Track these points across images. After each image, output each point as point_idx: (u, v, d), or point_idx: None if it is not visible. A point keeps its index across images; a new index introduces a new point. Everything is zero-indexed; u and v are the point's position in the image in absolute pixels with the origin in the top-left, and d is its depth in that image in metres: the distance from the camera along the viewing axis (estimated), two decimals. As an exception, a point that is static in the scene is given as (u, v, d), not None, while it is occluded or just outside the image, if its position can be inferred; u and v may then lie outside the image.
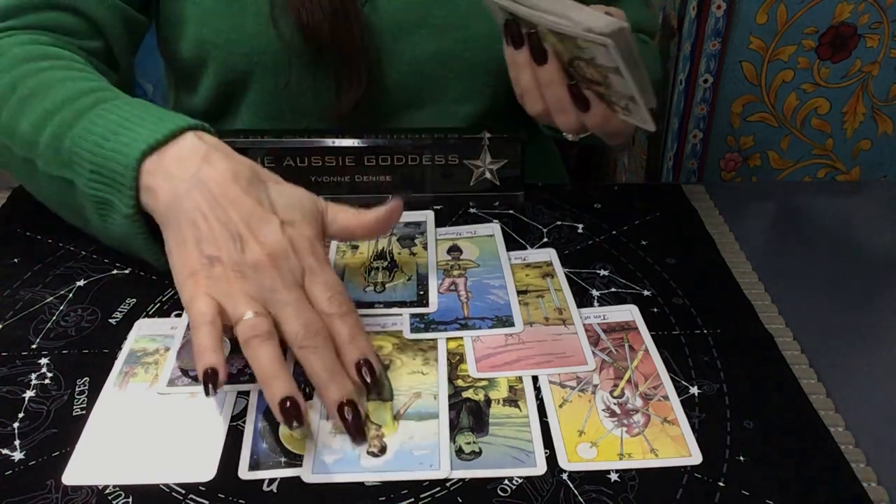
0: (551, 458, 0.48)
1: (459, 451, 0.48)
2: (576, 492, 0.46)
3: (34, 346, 0.57)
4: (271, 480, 0.46)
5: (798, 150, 1.18)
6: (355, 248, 0.67)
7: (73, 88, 0.59)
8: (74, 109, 0.57)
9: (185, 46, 0.75)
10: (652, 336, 0.57)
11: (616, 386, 0.53)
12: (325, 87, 0.75)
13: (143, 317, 0.60)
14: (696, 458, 0.48)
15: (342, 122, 0.76)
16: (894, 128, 1.16)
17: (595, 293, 0.62)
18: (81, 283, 0.63)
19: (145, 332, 0.58)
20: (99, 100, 0.58)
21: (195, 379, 0.53)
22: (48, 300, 0.61)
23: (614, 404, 0.52)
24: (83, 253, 0.67)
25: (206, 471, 0.47)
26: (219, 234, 0.50)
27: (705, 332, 0.58)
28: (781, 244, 0.71)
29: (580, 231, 0.70)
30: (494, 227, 0.70)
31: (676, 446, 0.49)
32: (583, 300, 0.61)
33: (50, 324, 0.59)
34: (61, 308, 0.60)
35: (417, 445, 0.48)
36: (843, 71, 1.11)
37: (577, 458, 0.48)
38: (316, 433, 0.49)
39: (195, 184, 0.52)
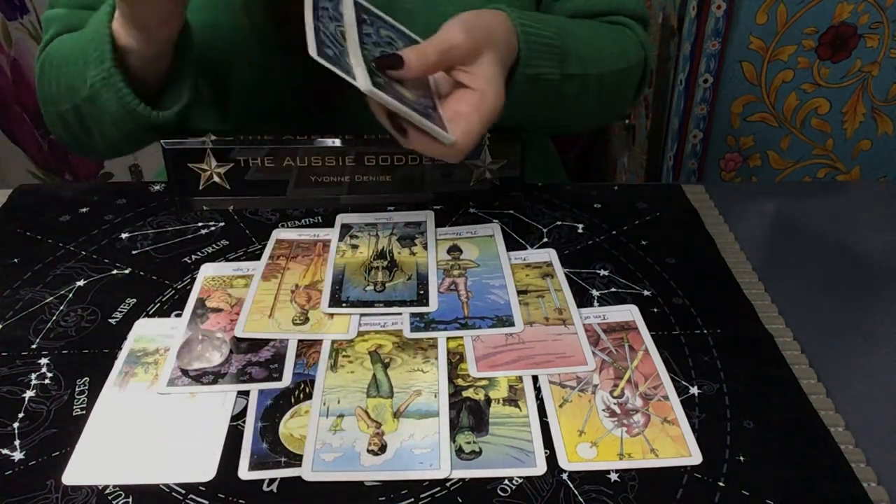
0: (551, 458, 0.48)
1: (459, 451, 0.48)
2: (576, 492, 0.46)
3: (34, 346, 0.57)
4: (271, 480, 0.46)
5: (798, 150, 1.18)
6: (355, 248, 0.67)
7: (78, 32, 0.72)
8: (79, 37, 0.70)
9: None
10: (652, 336, 0.57)
11: (616, 386, 0.53)
12: (301, 75, 0.75)
13: (143, 317, 0.60)
14: (696, 458, 0.48)
15: (320, 112, 0.76)
16: (894, 128, 1.16)
17: (595, 293, 0.62)
18: (81, 283, 0.63)
19: (145, 332, 0.58)
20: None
21: (195, 379, 0.53)
22: (48, 300, 0.61)
23: (614, 404, 0.52)
24: (83, 253, 0.67)
25: (206, 471, 0.47)
26: None
27: (705, 332, 0.58)
28: (781, 244, 0.71)
29: (580, 231, 0.70)
30: (494, 227, 0.70)
31: (676, 446, 0.49)
32: (583, 300, 0.61)
33: (50, 324, 0.59)
34: (61, 308, 0.60)
35: (417, 444, 0.48)
36: (843, 71, 1.11)
37: (577, 458, 0.48)
38: (316, 433, 0.49)
39: None
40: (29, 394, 0.53)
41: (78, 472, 0.47)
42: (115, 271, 0.65)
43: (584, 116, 0.78)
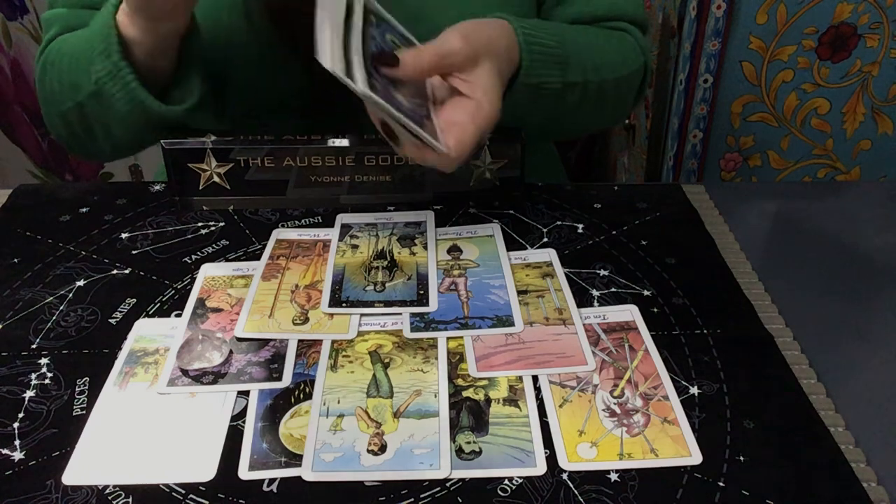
0: (551, 458, 0.48)
1: (459, 451, 0.48)
2: (576, 492, 0.46)
3: (34, 346, 0.57)
4: (271, 480, 0.46)
5: (798, 150, 1.18)
6: (355, 248, 0.67)
7: (80, 30, 0.71)
8: (83, 35, 0.69)
9: None
10: (652, 336, 0.57)
11: (616, 386, 0.53)
12: (300, 75, 0.75)
13: (143, 317, 0.60)
14: (696, 458, 0.48)
15: (320, 112, 0.76)
16: (894, 128, 1.16)
17: (595, 293, 0.62)
18: (81, 283, 0.63)
19: (145, 332, 0.58)
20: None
21: (195, 379, 0.53)
22: (48, 300, 0.61)
23: (614, 404, 0.52)
24: (83, 253, 0.67)
25: (206, 471, 0.47)
26: None
27: (705, 332, 0.58)
28: (781, 244, 0.71)
29: (580, 231, 0.70)
30: (494, 227, 0.70)
31: (676, 446, 0.49)
32: (583, 300, 0.61)
33: (50, 324, 0.59)
34: (61, 308, 0.60)
35: (417, 444, 0.48)
36: (843, 71, 1.11)
37: (577, 458, 0.48)
38: (316, 433, 0.49)
39: None
40: (29, 394, 0.53)
41: (78, 472, 0.47)
42: (115, 271, 0.65)
43: (585, 123, 0.78)
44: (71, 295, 0.62)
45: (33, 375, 0.54)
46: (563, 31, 0.71)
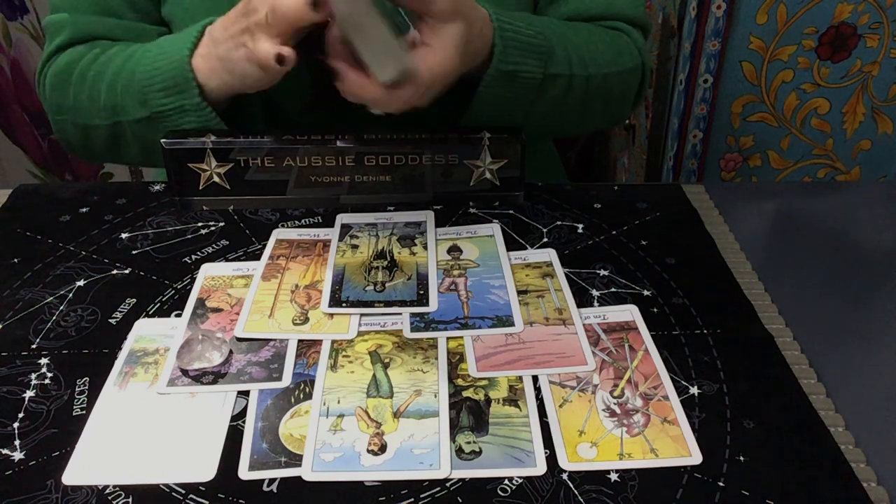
0: (551, 458, 0.48)
1: (459, 451, 0.48)
2: (576, 492, 0.46)
3: (34, 346, 0.57)
4: (271, 480, 0.46)
5: (798, 150, 1.18)
6: (355, 248, 0.67)
7: (125, 53, 0.73)
8: (132, 62, 0.71)
9: None
10: (652, 336, 0.57)
11: (616, 386, 0.53)
12: (301, 75, 0.75)
13: (143, 317, 0.60)
14: (696, 458, 0.48)
15: (320, 112, 0.76)
16: (894, 128, 1.16)
17: (595, 293, 0.62)
18: (81, 283, 0.63)
19: (145, 332, 0.58)
20: (143, 48, 0.72)
21: (195, 379, 0.53)
22: (48, 300, 0.61)
23: (614, 404, 0.52)
24: (83, 253, 0.67)
25: (206, 471, 0.47)
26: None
27: (705, 332, 0.58)
28: (781, 244, 0.71)
29: (580, 231, 0.70)
30: (494, 227, 0.70)
31: (676, 446, 0.49)
32: (583, 300, 0.61)
33: (50, 324, 0.59)
34: (61, 308, 0.60)
35: (417, 444, 0.48)
36: (843, 71, 1.11)
37: (577, 458, 0.48)
38: (316, 433, 0.49)
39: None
40: (29, 394, 0.53)
41: (78, 472, 0.47)
42: (115, 271, 0.65)
43: (574, 120, 0.78)
44: (71, 295, 0.62)
45: (33, 375, 0.54)
46: (549, 24, 0.71)
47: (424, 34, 0.59)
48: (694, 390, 0.53)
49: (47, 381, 0.54)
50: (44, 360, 0.55)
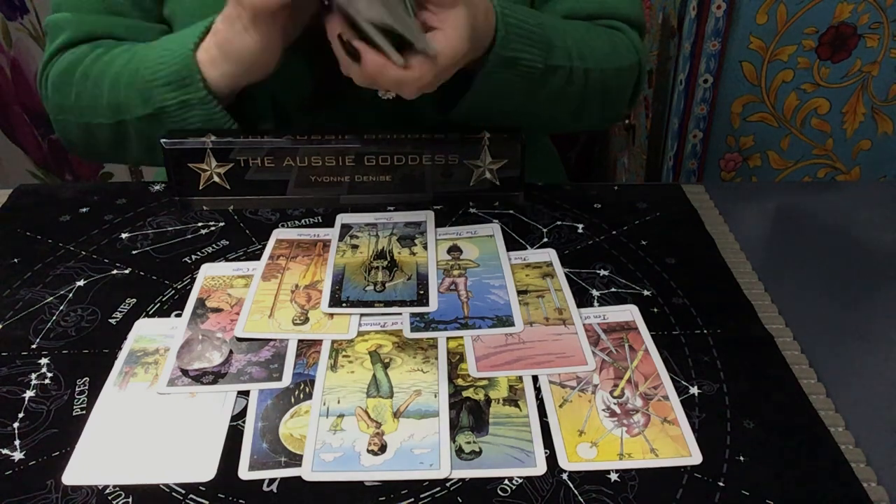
0: (551, 458, 0.48)
1: (459, 451, 0.48)
2: (576, 492, 0.46)
3: (34, 346, 0.57)
4: (271, 480, 0.46)
5: (798, 150, 1.18)
6: (355, 248, 0.67)
7: (128, 52, 0.73)
8: (136, 60, 0.71)
9: None
10: (652, 336, 0.57)
11: (616, 386, 0.53)
12: (302, 76, 0.75)
13: (143, 317, 0.60)
14: (696, 458, 0.48)
15: (320, 112, 0.76)
16: (894, 128, 1.16)
17: (595, 293, 0.62)
18: (81, 283, 0.63)
19: (145, 332, 0.58)
20: (146, 46, 0.72)
21: (195, 379, 0.53)
22: (48, 300, 0.61)
23: (614, 404, 0.52)
24: (83, 253, 0.67)
25: (206, 471, 0.47)
26: None
27: (705, 332, 0.58)
28: (781, 244, 0.71)
29: (580, 231, 0.70)
30: (494, 227, 0.70)
31: (676, 446, 0.49)
32: (583, 300, 0.61)
33: (50, 324, 0.59)
34: (61, 308, 0.60)
35: (417, 444, 0.48)
36: (843, 71, 1.11)
37: (577, 458, 0.48)
38: (316, 433, 0.49)
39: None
40: (29, 394, 0.53)
41: (78, 472, 0.47)
42: (115, 271, 0.65)
43: (573, 114, 0.78)
44: (71, 295, 0.62)
45: (33, 375, 0.54)
46: (548, 18, 0.72)
47: (430, 20, 0.59)
48: (694, 390, 0.53)
49: (47, 381, 0.54)
50: (44, 360, 0.55)
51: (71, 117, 0.75)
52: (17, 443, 0.49)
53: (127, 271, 0.65)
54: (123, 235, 0.69)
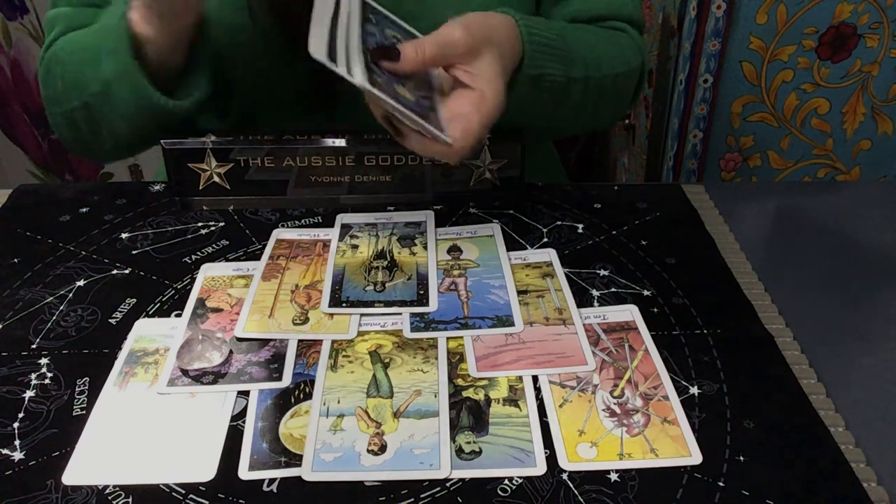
0: (551, 458, 0.48)
1: (459, 451, 0.48)
2: (576, 492, 0.46)
3: (34, 346, 0.57)
4: (271, 480, 0.46)
5: (798, 150, 1.18)
6: (355, 248, 0.67)
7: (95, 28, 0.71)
8: (98, 30, 0.70)
9: None
10: (652, 336, 0.57)
11: (616, 386, 0.53)
12: (302, 76, 0.75)
13: (143, 317, 0.60)
14: (696, 458, 0.48)
15: (321, 112, 0.76)
16: (894, 128, 1.16)
17: (595, 293, 0.62)
18: (81, 283, 0.63)
19: (145, 332, 0.58)
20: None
21: (195, 379, 0.53)
22: (48, 300, 0.61)
23: (614, 404, 0.52)
24: (83, 253, 0.67)
25: (206, 471, 0.47)
26: None
27: (705, 332, 0.58)
28: (781, 244, 0.71)
29: (580, 231, 0.70)
30: (494, 227, 0.70)
31: (676, 446, 0.49)
32: (583, 300, 0.61)
33: (50, 324, 0.59)
34: (61, 308, 0.60)
35: (417, 444, 0.48)
36: (843, 71, 1.11)
37: (577, 458, 0.48)
38: (316, 433, 0.49)
39: None
40: (29, 394, 0.53)
41: (78, 472, 0.47)
42: (115, 271, 0.65)
43: (586, 120, 0.78)
44: (71, 295, 0.62)
45: (33, 375, 0.54)
46: (563, 28, 0.71)
47: (465, 80, 0.58)
48: (694, 390, 0.53)
49: (47, 381, 0.54)
50: (44, 360, 0.55)
51: (56, 108, 0.73)
52: (17, 443, 0.49)
53: (127, 271, 0.65)
54: (123, 235, 0.69)
